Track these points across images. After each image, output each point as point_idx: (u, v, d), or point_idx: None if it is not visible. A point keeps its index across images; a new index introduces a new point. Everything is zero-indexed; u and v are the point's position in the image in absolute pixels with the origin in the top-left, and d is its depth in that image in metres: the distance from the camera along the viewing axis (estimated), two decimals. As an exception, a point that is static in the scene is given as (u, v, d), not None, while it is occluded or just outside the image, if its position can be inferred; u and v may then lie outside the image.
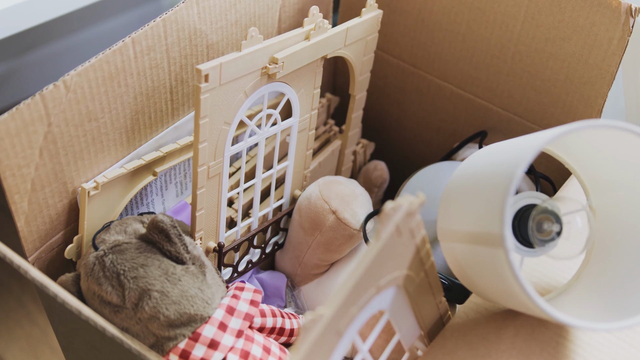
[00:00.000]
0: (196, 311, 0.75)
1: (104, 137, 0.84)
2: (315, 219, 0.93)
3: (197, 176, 0.83)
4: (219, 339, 0.75)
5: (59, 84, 0.76)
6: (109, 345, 0.76)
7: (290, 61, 0.87)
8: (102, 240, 0.79)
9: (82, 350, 0.84)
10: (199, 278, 0.77)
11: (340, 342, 0.62)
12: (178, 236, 0.77)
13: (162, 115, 0.91)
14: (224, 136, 0.84)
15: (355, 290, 0.60)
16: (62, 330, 0.85)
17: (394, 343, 0.74)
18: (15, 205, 0.77)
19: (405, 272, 0.68)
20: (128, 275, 0.75)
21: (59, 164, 0.80)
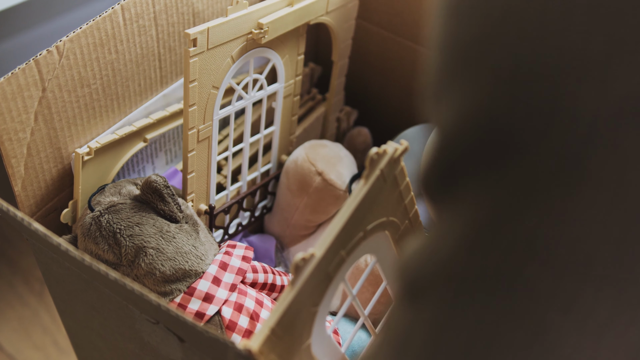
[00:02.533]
0: (190, 267, 0.78)
1: (96, 104, 0.86)
2: (302, 181, 0.96)
3: (188, 139, 0.86)
4: (214, 293, 0.78)
5: (52, 50, 0.78)
6: (107, 303, 0.78)
7: (275, 27, 0.90)
8: (97, 202, 0.82)
9: (81, 312, 0.87)
10: (192, 236, 0.80)
11: (331, 287, 0.65)
12: (171, 196, 0.79)
13: (152, 83, 0.93)
14: (212, 100, 0.87)
15: (343, 233, 0.63)
16: (60, 293, 0.88)
17: (381, 289, 0.76)
18: (12, 170, 0.79)
19: (391, 218, 0.71)
20: (124, 233, 0.77)
21: (53, 129, 0.82)
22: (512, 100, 0.31)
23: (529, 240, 0.33)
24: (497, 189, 0.33)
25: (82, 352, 0.97)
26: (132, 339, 0.81)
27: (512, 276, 0.34)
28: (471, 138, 0.34)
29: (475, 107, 0.33)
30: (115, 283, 0.60)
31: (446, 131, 0.35)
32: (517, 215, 0.33)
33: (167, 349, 0.76)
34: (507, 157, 0.32)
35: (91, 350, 0.93)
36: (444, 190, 0.37)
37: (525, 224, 0.33)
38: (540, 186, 0.32)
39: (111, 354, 0.88)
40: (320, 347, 0.67)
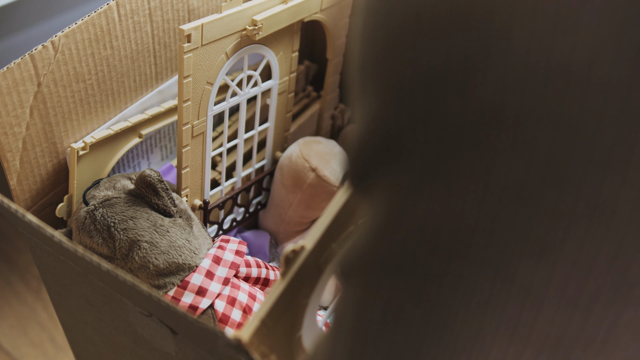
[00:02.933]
0: (184, 260, 0.79)
1: (91, 99, 0.87)
2: (296, 177, 0.97)
3: (182, 134, 0.86)
4: (207, 286, 0.78)
5: (48, 45, 0.79)
6: (101, 296, 0.79)
7: (269, 23, 0.90)
8: (92, 196, 0.82)
9: (75, 306, 0.87)
10: (186, 230, 0.81)
11: (322, 279, 0.66)
12: (165, 190, 0.80)
13: (147, 79, 0.94)
14: (207, 96, 0.87)
15: (334, 226, 0.64)
16: (55, 287, 0.88)
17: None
18: (8, 164, 0.80)
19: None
20: (118, 227, 0.78)
21: (48, 124, 0.83)
22: (398, 110, 0.37)
23: (421, 227, 0.38)
24: (394, 185, 0.38)
25: (77, 346, 0.97)
26: (126, 332, 0.81)
27: (410, 259, 0.39)
28: (373, 142, 0.39)
29: (373, 115, 0.38)
30: (108, 274, 0.61)
31: (357, 134, 0.40)
32: (410, 207, 0.38)
33: (160, 341, 0.77)
34: (399, 158, 0.37)
35: (86, 345, 0.93)
36: (358, 185, 0.42)
37: (416, 214, 0.38)
38: (425, 181, 0.37)
39: (106, 347, 0.89)
40: (312, 339, 0.67)
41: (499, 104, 0.33)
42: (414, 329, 0.40)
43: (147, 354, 0.81)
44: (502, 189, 0.35)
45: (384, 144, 0.38)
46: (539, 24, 0.32)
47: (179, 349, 0.75)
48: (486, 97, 0.34)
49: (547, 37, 0.32)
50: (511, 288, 0.37)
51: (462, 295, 0.38)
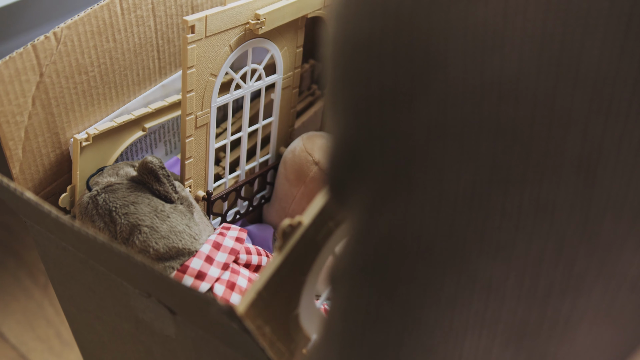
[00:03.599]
0: (184, 245, 0.79)
1: (94, 91, 0.88)
2: (299, 171, 0.97)
3: (186, 125, 0.87)
4: (206, 271, 0.79)
5: (50, 36, 0.80)
6: (103, 282, 0.80)
7: (272, 18, 0.91)
8: (95, 183, 0.83)
9: (78, 295, 0.88)
10: (186, 216, 0.81)
11: (319, 257, 0.66)
12: (166, 177, 0.81)
13: (150, 73, 0.94)
14: (210, 87, 0.88)
15: (331, 204, 0.64)
16: (57, 276, 0.89)
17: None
18: (10, 152, 0.81)
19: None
20: (120, 211, 0.78)
21: (51, 114, 0.84)
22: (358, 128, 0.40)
23: (387, 236, 0.41)
24: (362, 197, 0.41)
25: (81, 337, 0.98)
26: (128, 318, 0.81)
27: (381, 265, 0.42)
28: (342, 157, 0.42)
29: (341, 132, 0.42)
30: (103, 247, 0.61)
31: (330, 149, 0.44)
32: (376, 217, 0.41)
33: (160, 324, 0.77)
34: (363, 173, 0.41)
35: (90, 335, 0.94)
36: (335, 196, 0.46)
37: (382, 224, 0.41)
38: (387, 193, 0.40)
39: (109, 336, 0.89)
40: (309, 319, 0.67)
41: (443, 119, 0.36)
42: (391, 329, 0.43)
43: (148, 339, 0.81)
44: (455, 195, 0.38)
45: (350, 159, 0.41)
46: (470, 46, 0.35)
47: (179, 330, 0.75)
48: (431, 114, 0.36)
49: (478, 56, 0.35)
50: (474, 285, 0.40)
51: (431, 295, 0.40)
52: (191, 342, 0.75)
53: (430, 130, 0.37)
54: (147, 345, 0.83)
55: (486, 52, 0.35)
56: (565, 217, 0.37)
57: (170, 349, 0.79)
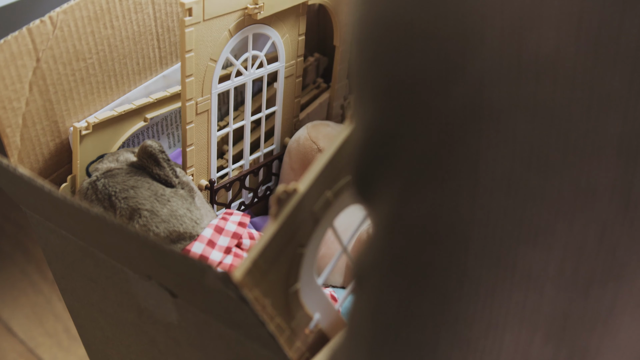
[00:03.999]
0: (185, 229, 0.77)
1: (93, 79, 0.87)
2: (304, 160, 0.95)
3: (186, 111, 0.86)
4: (208, 255, 0.77)
5: (45, 20, 0.79)
6: (104, 271, 0.78)
7: (271, 3, 0.90)
8: (95, 169, 0.82)
9: (80, 288, 0.86)
10: (187, 200, 0.80)
11: (318, 229, 0.64)
12: (166, 161, 0.79)
13: (150, 62, 0.93)
14: (210, 73, 0.86)
15: (328, 172, 0.62)
16: (60, 269, 0.87)
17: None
18: (8, 139, 0.80)
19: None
20: (119, 196, 0.77)
21: (49, 101, 0.82)
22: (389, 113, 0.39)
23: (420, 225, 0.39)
24: (392, 187, 0.40)
25: (85, 332, 0.96)
26: (130, 307, 0.80)
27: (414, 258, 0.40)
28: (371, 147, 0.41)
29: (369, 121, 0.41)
30: (97, 219, 0.60)
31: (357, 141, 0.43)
32: (408, 207, 0.39)
33: (162, 311, 0.75)
34: (394, 161, 0.39)
35: (94, 330, 0.92)
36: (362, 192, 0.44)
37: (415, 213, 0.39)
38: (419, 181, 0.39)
39: (112, 329, 0.88)
40: (310, 296, 0.65)
41: (478, 101, 0.35)
42: (428, 325, 0.41)
43: (151, 328, 0.80)
44: (491, 180, 0.36)
45: (379, 147, 0.40)
46: (507, 24, 0.34)
47: (181, 316, 0.73)
48: (466, 95, 0.35)
49: (515, 35, 0.34)
50: (514, 275, 0.38)
51: (468, 287, 0.39)
52: (194, 328, 0.73)
53: (465, 113, 0.36)
54: (151, 335, 0.81)
55: (523, 31, 0.34)
56: (606, 201, 0.36)
57: (173, 337, 0.78)
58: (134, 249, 0.65)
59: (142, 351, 0.85)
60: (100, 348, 0.94)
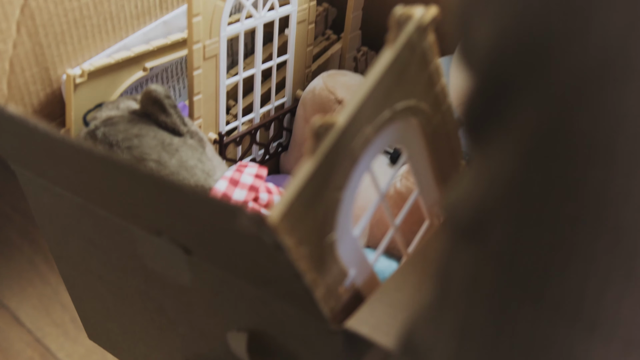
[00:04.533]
0: (197, 182, 0.69)
1: (87, 21, 0.78)
2: (321, 110, 0.87)
3: (193, 54, 0.77)
4: None
5: (34, -50, 0.70)
6: (105, 230, 0.70)
7: (282, -61, 0.82)
8: (93, 118, 0.73)
9: (77, 253, 0.78)
10: (198, 150, 0.71)
11: (356, 170, 0.56)
12: (173, 107, 0.71)
13: (150, 6, 0.84)
14: (219, 13, 0.78)
15: (368, 106, 0.54)
16: (54, 234, 0.79)
17: (412, 199, 0.67)
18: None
19: (421, 104, 0.61)
20: (122, 145, 0.68)
21: (39, 45, 0.74)
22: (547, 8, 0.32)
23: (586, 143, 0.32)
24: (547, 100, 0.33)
25: (82, 305, 0.87)
26: (136, 272, 0.71)
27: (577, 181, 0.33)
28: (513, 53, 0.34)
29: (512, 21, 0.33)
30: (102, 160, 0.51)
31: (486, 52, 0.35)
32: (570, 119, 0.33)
33: (173, 271, 0.67)
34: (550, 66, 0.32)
35: (92, 301, 0.83)
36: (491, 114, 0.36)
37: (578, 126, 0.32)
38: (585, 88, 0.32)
39: (114, 299, 0.79)
40: (346, 249, 0.57)
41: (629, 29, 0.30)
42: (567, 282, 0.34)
43: (159, 294, 0.71)
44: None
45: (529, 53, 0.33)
46: None
47: (195, 274, 0.65)
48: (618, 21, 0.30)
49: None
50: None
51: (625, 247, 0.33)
52: (209, 289, 0.65)
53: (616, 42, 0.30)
54: (159, 302, 0.73)
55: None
56: None
57: (185, 301, 0.69)
58: (144, 196, 0.57)
59: (148, 321, 0.77)
60: (100, 321, 0.86)
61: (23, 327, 1.32)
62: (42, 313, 1.34)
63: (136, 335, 0.81)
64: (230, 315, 0.66)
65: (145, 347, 0.81)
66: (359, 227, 0.60)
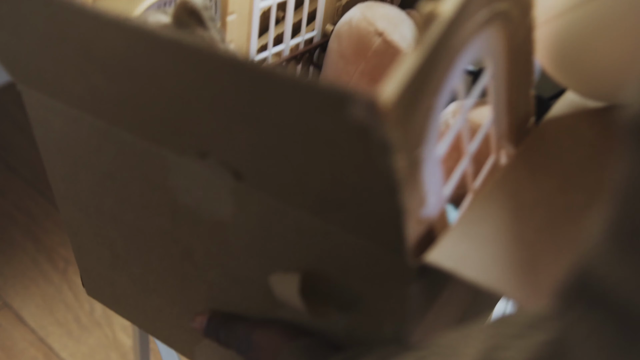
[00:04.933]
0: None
1: None
2: (358, 43, 0.78)
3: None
4: None
5: None
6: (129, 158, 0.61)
7: None
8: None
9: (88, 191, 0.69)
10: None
11: (450, 75, 0.47)
12: (211, 19, 0.62)
13: None
14: None
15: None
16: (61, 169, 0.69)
17: (485, 128, 0.59)
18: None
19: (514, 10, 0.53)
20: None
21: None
22: None
23: None
24: None
25: (85, 254, 0.77)
26: (161, 209, 0.62)
27: None
28: None
29: None
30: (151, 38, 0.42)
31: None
32: None
33: (211, 205, 0.58)
34: None
35: (99, 248, 0.73)
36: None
37: None
38: None
39: (127, 245, 0.70)
40: (429, 172, 0.49)
41: None
42: None
43: (188, 234, 0.62)
44: None
45: None
46: None
47: (239, 207, 0.56)
48: None
49: None
50: None
51: None
52: (255, 224, 0.56)
53: None
54: (185, 244, 0.64)
55: None
56: None
57: (220, 240, 0.60)
58: (203, 102, 0.48)
59: (168, 268, 0.68)
60: (105, 273, 0.76)
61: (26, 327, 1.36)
62: (45, 312, 1.38)
63: (149, 286, 0.71)
64: (277, 254, 0.57)
65: (160, 299, 0.72)
66: (442, 146, 0.51)
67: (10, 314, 1.38)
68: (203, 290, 0.66)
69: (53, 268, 1.46)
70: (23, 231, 1.54)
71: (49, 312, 1.39)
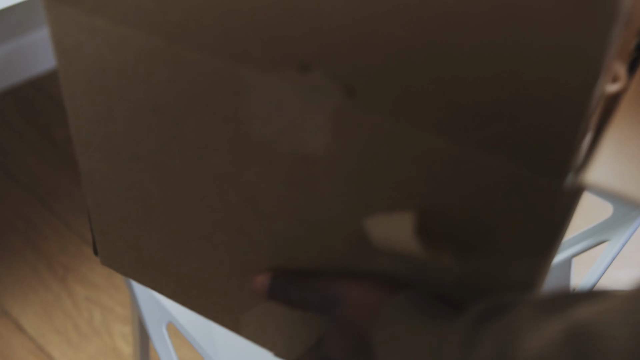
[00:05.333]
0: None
1: None
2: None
3: None
4: None
5: None
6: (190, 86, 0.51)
7: None
8: None
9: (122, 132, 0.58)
10: None
11: None
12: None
13: None
14: None
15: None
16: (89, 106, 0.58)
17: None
18: None
19: None
20: None
21: None
22: None
23: None
24: None
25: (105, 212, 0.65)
26: (226, 145, 0.53)
27: None
28: None
29: None
30: None
31: None
32: None
33: (298, 136, 0.48)
34: None
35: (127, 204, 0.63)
36: None
37: None
38: None
39: (167, 196, 0.60)
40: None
41: None
42: None
43: (257, 175, 0.53)
44: None
45: None
46: None
47: (339, 134, 0.47)
48: None
49: None
50: None
51: None
52: (357, 153, 0.47)
53: None
54: (251, 189, 0.54)
55: None
56: None
57: (302, 180, 0.51)
58: None
59: (218, 223, 0.58)
60: (128, 234, 0.66)
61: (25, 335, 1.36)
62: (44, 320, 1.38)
63: (189, 246, 0.62)
64: (380, 191, 0.48)
65: (200, 262, 0.62)
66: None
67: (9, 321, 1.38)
68: (263, 246, 0.57)
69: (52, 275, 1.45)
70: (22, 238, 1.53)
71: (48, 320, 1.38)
